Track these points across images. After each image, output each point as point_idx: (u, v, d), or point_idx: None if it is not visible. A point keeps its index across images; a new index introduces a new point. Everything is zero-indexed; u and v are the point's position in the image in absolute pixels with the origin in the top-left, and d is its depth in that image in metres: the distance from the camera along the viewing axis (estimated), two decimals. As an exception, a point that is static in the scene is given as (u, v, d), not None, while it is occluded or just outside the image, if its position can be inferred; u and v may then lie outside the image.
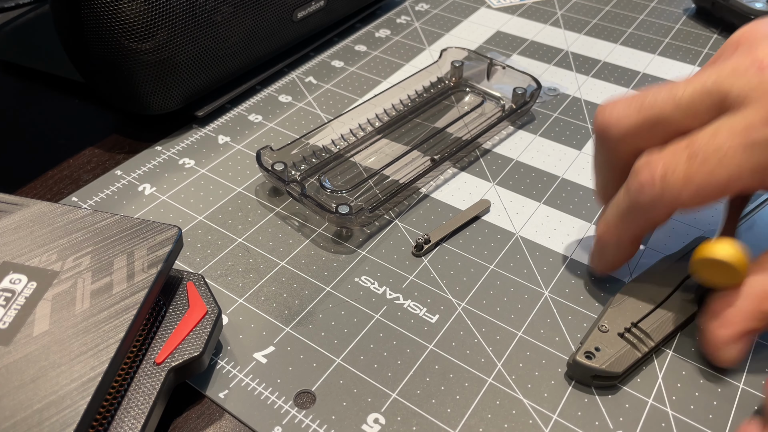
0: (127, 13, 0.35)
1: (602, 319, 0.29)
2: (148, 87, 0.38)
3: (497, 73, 0.43)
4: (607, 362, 0.27)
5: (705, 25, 0.52)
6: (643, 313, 0.29)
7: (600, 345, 0.28)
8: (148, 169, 0.38)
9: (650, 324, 0.29)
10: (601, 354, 0.27)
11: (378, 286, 0.32)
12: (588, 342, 0.28)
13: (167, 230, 0.27)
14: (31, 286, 0.25)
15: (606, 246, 0.30)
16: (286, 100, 0.44)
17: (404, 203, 0.36)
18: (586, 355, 0.27)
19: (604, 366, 0.27)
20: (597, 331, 0.28)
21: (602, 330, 0.28)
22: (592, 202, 0.36)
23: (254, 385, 0.28)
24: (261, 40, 0.43)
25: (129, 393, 0.25)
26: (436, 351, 0.29)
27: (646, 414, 0.27)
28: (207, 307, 0.27)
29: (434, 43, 0.50)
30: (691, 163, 0.25)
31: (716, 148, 0.25)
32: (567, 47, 0.49)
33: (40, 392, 0.22)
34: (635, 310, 0.29)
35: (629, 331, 0.28)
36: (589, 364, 0.27)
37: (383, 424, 0.26)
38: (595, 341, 0.28)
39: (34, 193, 0.37)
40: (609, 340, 0.28)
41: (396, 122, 0.41)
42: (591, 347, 0.28)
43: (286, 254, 0.33)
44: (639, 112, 0.28)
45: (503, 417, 0.27)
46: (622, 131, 0.28)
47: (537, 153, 0.40)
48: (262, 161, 0.36)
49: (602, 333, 0.28)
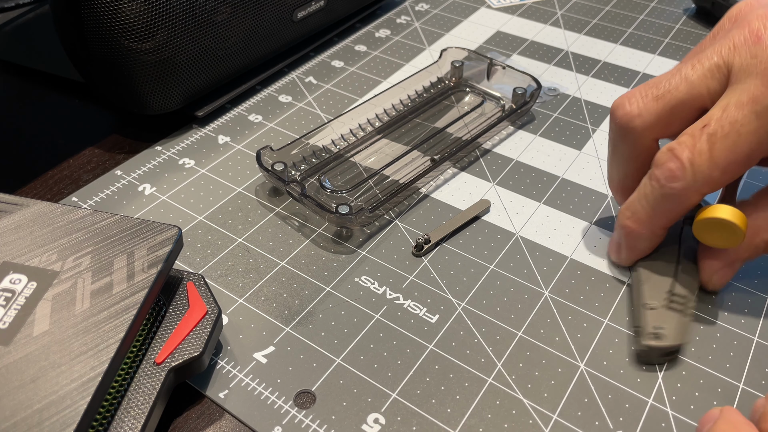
0: (127, 13, 0.35)
1: (642, 297, 0.29)
2: (148, 87, 0.38)
3: (497, 73, 0.43)
4: (674, 336, 0.28)
5: (705, 25, 0.52)
6: (671, 279, 0.30)
7: (658, 323, 0.28)
8: (148, 169, 0.38)
9: (682, 286, 0.29)
10: (666, 330, 0.28)
11: (378, 286, 0.32)
12: (647, 323, 0.28)
13: (167, 230, 0.27)
14: (31, 286, 0.25)
15: (638, 238, 0.30)
16: (286, 100, 0.44)
17: (404, 203, 0.36)
18: (655, 336, 0.28)
19: (676, 341, 0.28)
20: (647, 311, 0.29)
21: (651, 308, 0.29)
22: (592, 202, 0.36)
23: (254, 385, 0.28)
24: (261, 40, 0.43)
25: (129, 393, 0.25)
26: (436, 351, 0.29)
27: (646, 414, 0.27)
28: (207, 307, 0.27)
29: (434, 43, 0.50)
30: (712, 143, 0.27)
31: (731, 122, 0.26)
32: (567, 47, 0.49)
33: (40, 392, 0.22)
34: (663, 280, 0.30)
35: (671, 300, 0.29)
36: (661, 344, 0.27)
37: (383, 424, 0.26)
38: (652, 320, 0.28)
39: (34, 193, 0.37)
40: (662, 316, 0.28)
41: (396, 122, 0.41)
42: (651, 327, 0.28)
43: (286, 254, 0.33)
44: (658, 100, 0.29)
45: (503, 417, 0.27)
46: (646, 122, 0.29)
47: (537, 153, 0.40)
48: (262, 161, 0.36)
49: (652, 311, 0.29)
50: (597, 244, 0.34)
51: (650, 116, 0.29)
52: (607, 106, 0.43)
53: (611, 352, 0.29)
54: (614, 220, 0.35)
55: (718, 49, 0.28)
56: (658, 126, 0.29)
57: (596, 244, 0.34)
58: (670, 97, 0.29)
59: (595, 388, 0.28)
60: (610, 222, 0.35)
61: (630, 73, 0.47)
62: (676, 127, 0.29)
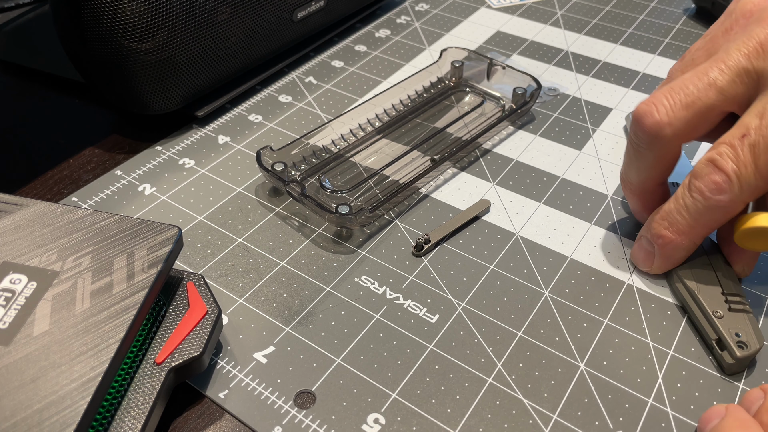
0: (127, 13, 0.35)
1: (706, 308, 0.29)
2: (148, 87, 0.38)
3: (497, 73, 0.43)
4: (756, 340, 0.28)
5: (705, 25, 0.52)
6: (717, 281, 0.30)
7: (733, 330, 0.28)
8: (148, 169, 0.38)
9: (730, 285, 0.30)
10: (744, 336, 0.28)
11: (378, 286, 0.32)
12: (725, 335, 0.28)
13: (167, 230, 0.27)
14: (31, 286, 0.25)
15: (677, 248, 0.30)
16: (286, 100, 0.44)
17: (404, 203, 0.36)
18: (740, 346, 0.27)
19: (759, 345, 0.27)
20: (718, 321, 0.28)
21: (719, 317, 0.29)
22: (592, 202, 0.36)
23: (254, 385, 0.28)
24: (261, 40, 0.43)
25: (129, 393, 0.25)
26: (436, 351, 0.29)
27: (646, 414, 0.27)
28: (207, 307, 0.27)
29: (434, 43, 0.50)
30: (756, 154, 0.26)
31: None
32: (567, 47, 0.49)
33: (40, 392, 0.22)
34: (712, 284, 0.30)
35: (731, 302, 0.29)
36: (749, 353, 0.27)
37: (383, 424, 0.26)
38: (729, 328, 0.28)
39: (34, 193, 0.37)
40: (733, 322, 0.28)
41: (396, 122, 0.41)
42: (732, 337, 0.28)
43: (286, 254, 0.33)
44: (687, 108, 0.28)
45: (503, 417, 0.27)
46: (677, 130, 0.29)
47: (537, 153, 0.40)
48: (262, 161, 0.36)
49: (721, 319, 0.28)
50: (597, 244, 0.34)
51: (681, 124, 0.28)
52: (607, 106, 0.43)
53: (611, 352, 0.29)
54: (614, 220, 0.35)
55: (743, 50, 0.28)
56: (686, 132, 0.29)
57: (596, 244, 0.34)
58: (700, 105, 0.28)
59: (595, 388, 0.28)
60: (610, 222, 0.35)
61: (630, 73, 0.47)
62: (702, 131, 0.29)
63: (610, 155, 0.39)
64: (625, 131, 0.41)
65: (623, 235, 0.34)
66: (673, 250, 0.30)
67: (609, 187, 0.37)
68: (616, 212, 0.36)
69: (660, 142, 0.29)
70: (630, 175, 0.32)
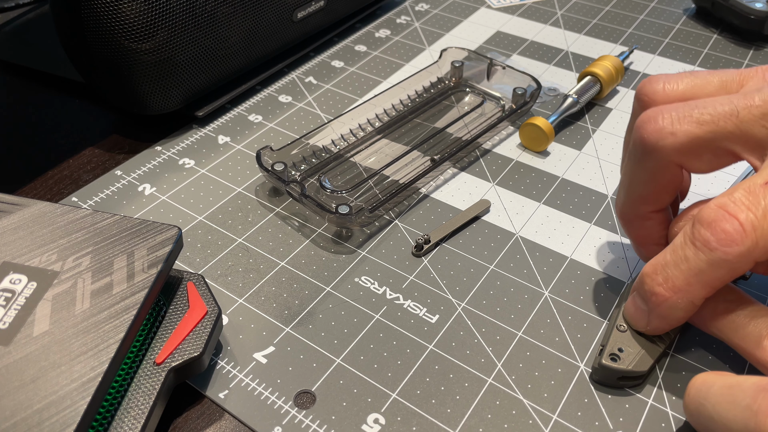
0: (127, 13, 0.35)
1: (619, 318, 0.28)
2: (148, 87, 0.38)
3: (497, 73, 0.43)
4: (632, 362, 0.27)
5: (705, 25, 0.52)
6: None
7: (622, 345, 0.27)
8: (148, 169, 0.38)
9: None
10: (625, 354, 0.27)
11: (378, 286, 0.32)
12: (610, 344, 0.27)
13: (167, 230, 0.27)
14: (31, 286, 0.25)
15: (673, 308, 0.26)
16: (286, 100, 0.44)
17: (404, 203, 0.36)
18: (612, 358, 0.27)
19: (630, 366, 0.27)
20: (616, 332, 0.28)
21: (621, 330, 0.28)
22: (592, 202, 0.36)
23: (254, 385, 0.28)
24: (261, 40, 0.43)
25: (129, 393, 0.25)
26: (436, 351, 0.29)
27: (646, 414, 0.27)
28: (207, 308, 0.27)
29: (434, 43, 0.50)
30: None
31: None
32: (567, 47, 0.49)
33: (40, 392, 0.22)
34: None
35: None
36: (616, 366, 0.27)
37: (383, 424, 0.26)
38: (617, 342, 0.28)
39: (34, 193, 0.37)
40: (629, 339, 0.28)
41: (396, 122, 0.41)
42: (614, 349, 0.27)
43: (286, 254, 0.33)
44: (699, 126, 0.25)
45: (503, 417, 0.27)
46: (678, 143, 0.25)
47: (537, 153, 0.40)
48: (262, 161, 0.36)
49: (621, 333, 0.28)
50: (597, 244, 0.34)
51: (685, 138, 0.25)
52: (607, 107, 0.43)
53: (611, 352, 0.29)
54: (614, 220, 0.35)
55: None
56: (688, 152, 0.26)
57: (596, 244, 0.34)
58: (714, 128, 0.25)
59: (594, 387, 0.28)
60: (610, 222, 0.35)
61: (630, 74, 0.47)
62: (703, 164, 0.26)
63: (610, 155, 0.39)
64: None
65: (623, 235, 0.34)
66: (669, 310, 0.26)
67: (609, 187, 0.37)
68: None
69: (657, 154, 0.26)
70: (624, 194, 0.29)
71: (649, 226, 0.29)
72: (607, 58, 0.43)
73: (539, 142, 0.39)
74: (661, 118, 0.26)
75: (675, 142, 0.25)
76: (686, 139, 0.25)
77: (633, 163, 0.28)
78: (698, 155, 0.26)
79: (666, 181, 0.27)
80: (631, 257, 0.33)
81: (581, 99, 0.41)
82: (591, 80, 0.42)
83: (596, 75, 0.42)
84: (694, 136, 0.25)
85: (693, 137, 0.25)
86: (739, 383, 0.22)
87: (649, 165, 0.27)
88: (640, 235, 0.29)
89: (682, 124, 0.25)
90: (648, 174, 0.27)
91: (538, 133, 0.39)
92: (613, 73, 0.42)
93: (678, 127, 0.25)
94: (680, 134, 0.25)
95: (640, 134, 0.27)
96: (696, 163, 0.26)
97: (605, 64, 0.42)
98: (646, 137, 0.26)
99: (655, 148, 0.26)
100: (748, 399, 0.21)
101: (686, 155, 0.26)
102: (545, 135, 0.38)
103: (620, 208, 0.29)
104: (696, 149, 0.25)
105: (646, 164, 0.27)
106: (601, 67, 0.42)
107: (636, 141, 0.27)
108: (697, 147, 0.25)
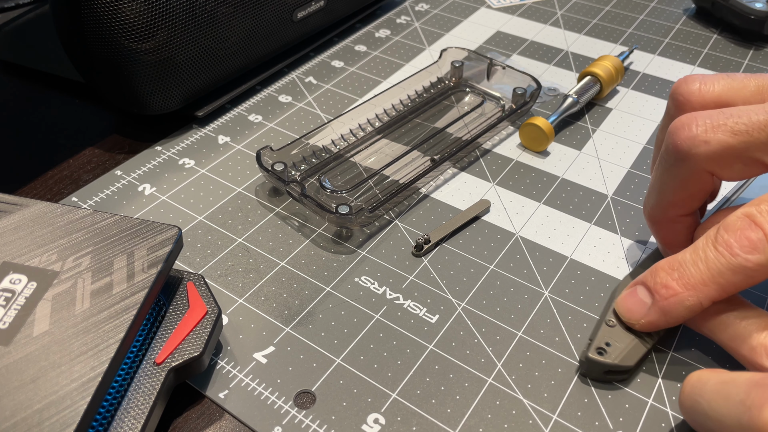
0: (127, 13, 0.35)
1: (608, 313, 0.29)
2: (148, 87, 0.38)
3: (497, 73, 0.43)
4: (619, 357, 0.27)
5: (705, 25, 0.52)
6: None
7: (610, 340, 0.28)
8: (148, 169, 0.38)
9: None
10: (612, 349, 0.27)
11: (378, 286, 0.32)
12: (598, 338, 0.28)
13: (167, 230, 0.27)
14: (31, 286, 0.25)
15: (679, 305, 0.26)
16: (286, 100, 0.44)
17: (404, 203, 0.36)
18: (598, 351, 0.27)
19: (616, 361, 0.27)
20: (605, 327, 0.28)
21: (609, 325, 0.28)
22: (592, 202, 0.36)
23: (254, 385, 0.28)
24: (261, 40, 0.43)
25: (129, 393, 0.25)
26: (436, 351, 0.29)
27: (646, 414, 0.27)
28: (207, 307, 0.27)
29: (434, 43, 0.50)
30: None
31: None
32: (567, 47, 0.49)
33: (40, 392, 0.22)
34: None
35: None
36: (602, 360, 0.27)
37: (383, 424, 0.26)
38: (605, 336, 0.28)
39: (34, 193, 0.37)
40: (618, 335, 0.28)
41: (396, 122, 0.41)
42: (602, 343, 0.28)
43: (286, 254, 0.33)
44: (733, 135, 0.25)
45: (503, 417, 0.27)
46: (711, 152, 0.26)
47: (537, 153, 0.40)
48: (262, 161, 0.36)
49: (610, 328, 0.28)
50: (597, 244, 0.34)
51: (718, 147, 0.25)
52: (608, 107, 0.43)
53: (611, 352, 0.29)
54: (614, 220, 0.35)
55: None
56: (720, 161, 0.26)
57: (596, 244, 0.34)
58: (748, 138, 0.25)
59: (594, 388, 0.28)
60: (610, 222, 0.35)
61: (630, 74, 0.47)
62: (734, 172, 0.26)
63: (610, 155, 0.39)
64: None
65: (623, 235, 0.34)
66: (674, 305, 0.26)
67: (609, 187, 0.37)
68: (616, 212, 0.36)
69: (690, 162, 0.26)
70: (653, 196, 0.29)
71: (677, 229, 0.29)
72: (607, 58, 0.43)
73: (539, 142, 0.39)
74: (695, 125, 0.26)
75: (708, 150, 0.26)
76: (719, 148, 0.25)
77: (664, 168, 0.28)
78: (730, 164, 0.26)
79: (696, 188, 0.27)
80: (630, 257, 0.33)
81: (581, 99, 0.41)
82: (591, 80, 0.42)
83: (596, 75, 0.42)
84: (727, 146, 0.25)
85: (726, 146, 0.25)
86: (732, 379, 0.23)
87: (681, 172, 0.27)
88: (667, 238, 0.30)
89: (716, 133, 0.25)
90: (679, 181, 0.27)
91: (538, 133, 0.39)
92: (613, 73, 0.43)
93: (711, 136, 0.25)
94: (713, 143, 0.25)
95: (673, 140, 0.27)
96: (727, 172, 0.26)
97: (605, 64, 0.42)
98: (680, 144, 0.26)
99: (688, 156, 0.26)
100: (742, 394, 0.22)
101: (718, 164, 0.26)
102: (545, 135, 0.38)
103: (649, 210, 0.30)
104: (728, 158, 0.26)
105: (677, 171, 0.27)
106: (601, 67, 0.42)
107: (668, 147, 0.27)
108: (729, 156, 0.25)
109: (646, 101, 0.44)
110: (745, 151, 0.25)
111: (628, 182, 0.37)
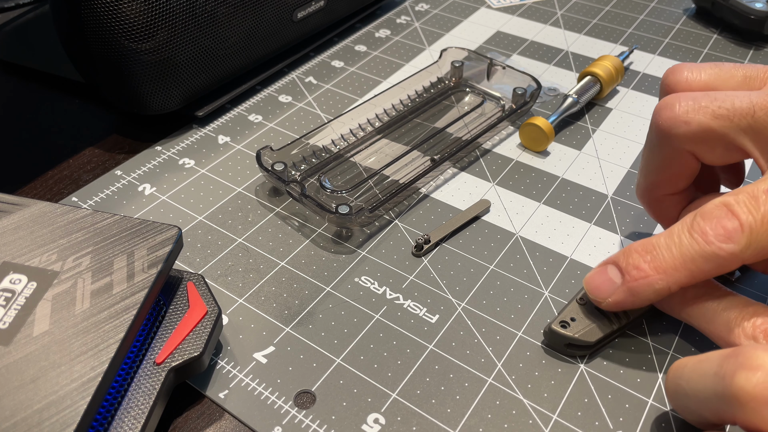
0: (127, 13, 0.35)
1: (582, 291, 0.29)
2: (148, 87, 0.38)
3: (497, 73, 0.43)
4: (580, 332, 0.28)
5: (705, 25, 0.52)
6: None
7: (576, 316, 0.29)
8: (148, 169, 0.38)
9: None
10: (576, 323, 0.28)
11: (378, 286, 0.32)
12: (565, 312, 0.29)
13: (167, 230, 0.27)
14: (31, 286, 0.25)
15: (647, 287, 0.26)
16: (286, 100, 0.44)
17: (404, 203, 0.36)
18: (561, 324, 0.28)
19: (577, 335, 0.28)
20: (575, 303, 0.29)
21: (580, 303, 0.29)
22: (592, 202, 0.36)
23: (254, 385, 0.28)
24: (261, 40, 0.43)
25: (129, 393, 0.25)
26: (436, 351, 0.29)
27: (646, 414, 0.27)
28: (207, 307, 0.27)
29: (434, 43, 0.50)
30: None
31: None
32: (567, 47, 0.49)
33: (40, 392, 0.22)
34: None
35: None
36: (563, 332, 0.28)
37: (383, 424, 0.26)
38: (572, 312, 0.29)
39: (34, 193, 0.37)
40: (585, 311, 0.29)
41: (396, 122, 0.41)
42: (567, 317, 0.29)
43: (286, 254, 0.33)
44: (715, 118, 0.25)
45: (503, 417, 0.27)
46: (691, 132, 0.26)
47: (537, 153, 0.40)
48: (262, 161, 0.36)
49: (580, 305, 0.29)
50: (597, 244, 0.34)
51: (698, 128, 0.26)
52: (607, 107, 0.43)
53: (611, 352, 0.29)
54: (614, 220, 0.35)
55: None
56: (701, 142, 0.26)
57: (596, 244, 0.34)
58: (728, 122, 0.25)
59: (595, 388, 0.28)
60: (610, 222, 0.35)
61: (630, 74, 0.47)
62: (716, 156, 0.26)
63: (610, 155, 0.39)
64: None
65: (623, 236, 0.34)
66: (643, 287, 0.26)
67: (609, 187, 0.37)
68: (616, 212, 0.36)
69: (671, 141, 0.27)
70: (641, 176, 0.30)
71: (666, 207, 0.30)
72: (607, 58, 0.43)
73: (539, 142, 0.39)
74: (677, 105, 0.26)
75: (688, 131, 0.26)
76: (699, 129, 0.26)
77: (648, 148, 0.29)
78: (711, 147, 0.26)
79: (678, 168, 0.28)
80: (631, 257, 0.33)
81: (581, 99, 0.41)
82: (591, 80, 0.42)
83: (596, 75, 0.42)
84: (707, 128, 0.26)
85: (706, 128, 0.26)
86: (707, 357, 0.23)
87: (663, 151, 0.28)
88: (658, 215, 0.31)
89: (697, 114, 0.26)
90: (661, 160, 0.28)
91: (538, 133, 0.39)
92: (613, 73, 0.42)
93: (692, 117, 0.26)
94: (694, 124, 0.26)
95: (655, 120, 0.27)
96: (709, 155, 0.27)
97: (605, 64, 0.42)
98: (661, 123, 0.27)
99: (669, 135, 0.27)
100: (715, 367, 0.22)
101: (699, 145, 0.26)
102: (545, 135, 0.38)
103: (637, 190, 0.31)
104: (709, 141, 0.26)
105: (660, 150, 0.28)
106: (601, 67, 0.42)
107: (652, 127, 0.28)
108: (709, 139, 0.26)
109: (646, 101, 0.44)
110: (725, 136, 0.26)
111: (628, 182, 0.37)
